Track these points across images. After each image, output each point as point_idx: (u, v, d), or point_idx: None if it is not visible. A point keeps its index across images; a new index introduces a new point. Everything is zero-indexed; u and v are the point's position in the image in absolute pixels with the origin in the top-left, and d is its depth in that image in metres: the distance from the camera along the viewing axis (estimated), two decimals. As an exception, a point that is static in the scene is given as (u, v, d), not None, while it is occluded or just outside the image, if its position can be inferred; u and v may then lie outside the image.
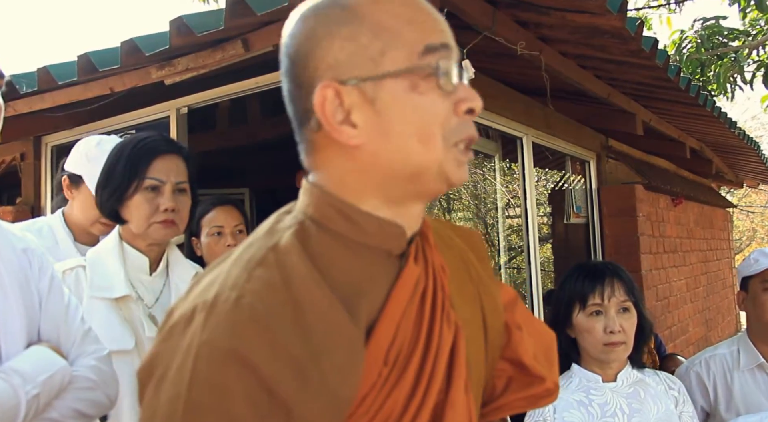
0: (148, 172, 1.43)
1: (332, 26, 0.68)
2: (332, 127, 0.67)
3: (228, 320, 0.59)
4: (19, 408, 0.92)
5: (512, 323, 0.87)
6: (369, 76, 0.66)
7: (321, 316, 0.62)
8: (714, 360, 1.88)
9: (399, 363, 0.67)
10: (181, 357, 0.60)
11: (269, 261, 0.64)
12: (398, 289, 0.69)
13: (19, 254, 1.05)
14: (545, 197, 6.90)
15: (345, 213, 0.69)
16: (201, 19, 2.20)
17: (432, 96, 0.67)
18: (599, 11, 2.21)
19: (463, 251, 0.85)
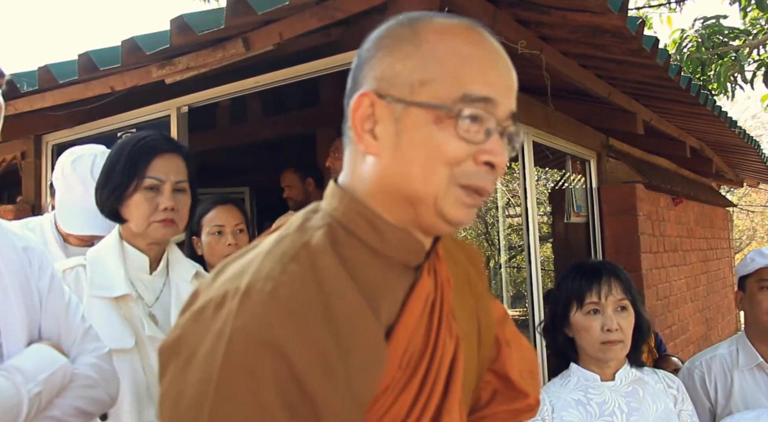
0: (147, 171, 1.43)
1: (395, 42, 0.73)
2: (357, 132, 0.72)
3: (263, 309, 0.61)
4: (21, 406, 0.92)
5: (502, 338, 0.92)
6: (403, 98, 0.71)
7: (350, 316, 0.65)
8: (714, 360, 1.88)
9: (409, 368, 0.70)
10: (212, 341, 0.61)
11: (302, 258, 0.66)
12: (413, 300, 0.72)
13: (19, 253, 1.05)
14: (545, 196, 6.91)
15: (373, 223, 0.73)
16: (202, 17, 2.20)
17: (450, 135, 0.69)
18: (600, 10, 2.21)
19: (466, 266, 0.89)
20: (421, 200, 0.71)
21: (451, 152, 0.69)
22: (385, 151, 0.71)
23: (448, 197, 0.70)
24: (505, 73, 0.74)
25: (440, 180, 0.70)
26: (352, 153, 0.76)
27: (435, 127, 0.70)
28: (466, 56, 0.71)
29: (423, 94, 0.70)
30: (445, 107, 0.69)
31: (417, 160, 0.70)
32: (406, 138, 0.70)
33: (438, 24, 0.74)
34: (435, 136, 0.69)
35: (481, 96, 0.70)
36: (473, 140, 0.70)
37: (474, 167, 0.71)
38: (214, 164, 4.20)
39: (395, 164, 0.71)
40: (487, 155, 0.71)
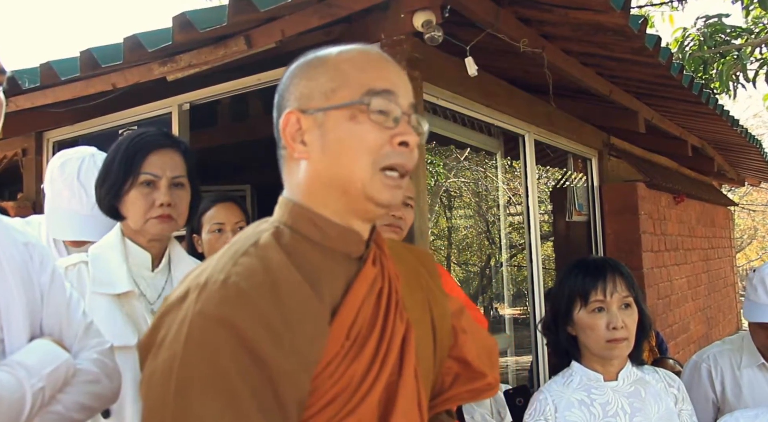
0: (143, 167, 1.42)
1: (306, 69, 0.89)
2: (289, 144, 0.86)
3: (217, 293, 0.74)
4: (24, 401, 0.93)
5: (458, 327, 1.04)
6: (321, 107, 0.85)
7: (293, 293, 0.77)
8: (722, 355, 1.89)
9: (359, 340, 0.82)
10: (177, 326, 0.74)
11: (251, 252, 0.80)
12: (357, 283, 0.85)
13: (20, 249, 1.05)
14: (547, 195, 6.91)
15: (312, 220, 0.86)
16: (204, 15, 2.20)
17: (366, 126, 0.83)
18: (602, 8, 2.21)
19: (415, 266, 1.02)
20: (351, 187, 0.83)
21: (370, 139, 0.83)
22: (314, 152, 0.85)
23: (374, 182, 0.83)
24: (399, 75, 0.88)
25: (365, 167, 0.82)
26: (287, 167, 0.89)
27: (352, 122, 0.83)
28: (365, 65, 0.86)
29: (336, 98, 0.84)
30: (357, 101, 0.83)
31: (342, 152, 0.83)
32: (330, 137, 0.84)
33: (339, 51, 0.89)
34: (353, 129, 0.83)
35: (383, 88, 0.84)
36: (386, 125, 0.83)
37: (391, 149, 0.84)
38: (215, 161, 4.20)
39: (324, 160, 0.84)
40: (400, 136, 0.84)
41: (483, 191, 9.70)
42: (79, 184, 1.76)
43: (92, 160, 1.81)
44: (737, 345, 1.91)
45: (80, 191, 1.76)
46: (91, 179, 1.76)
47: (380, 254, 0.91)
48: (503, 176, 5.78)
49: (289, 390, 0.73)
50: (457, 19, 2.19)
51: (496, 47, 2.51)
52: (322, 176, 0.85)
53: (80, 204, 1.75)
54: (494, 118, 3.22)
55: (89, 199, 1.70)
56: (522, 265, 7.65)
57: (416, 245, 1.11)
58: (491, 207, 9.52)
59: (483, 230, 10.44)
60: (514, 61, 2.82)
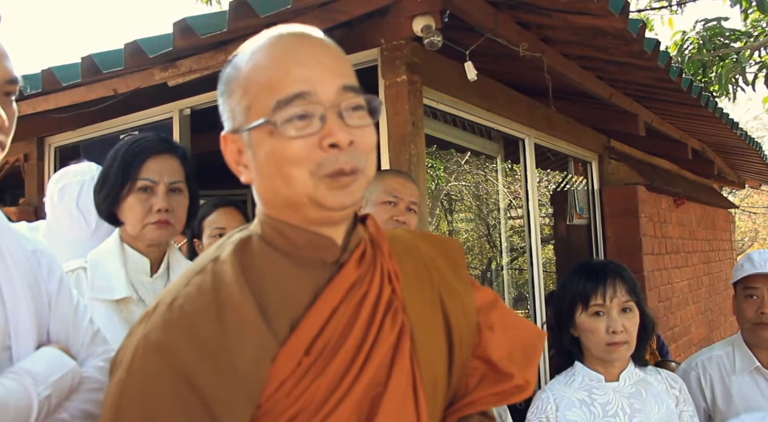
0: (140, 172, 1.43)
1: (225, 85, 0.82)
2: (234, 169, 0.83)
3: (161, 317, 0.74)
4: (31, 408, 0.92)
5: (484, 323, 0.94)
6: (242, 127, 0.79)
7: (237, 315, 0.74)
8: (710, 362, 1.87)
9: (324, 355, 0.76)
10: (130, 350, 0.75)
11: (207, 270, 0.78)
12: (328, 291, 0.79)
13: (28, 256, 1.05)
14: (547, 198, 6.90)
15: (278, 229, 0.82)
16: (204, 20, 2.21)
17: (285, 140, 0.75)
18: (601, 13, 2.21)
19: (428, 259, 0.93)
20: (297, 203, 0.78)
21: (292, 153, 0.75)
22: (253, 175, 0.80)
23: (319, 190, 0.76)
24: (317, 60, 0.78)
25: (303, 181, 0.76)
26: None
27: (272, 139, 0.76)
28: (268, 66, 0.77)
29: (252, 116, 0.77)
30: (265, 121, 0.76)
31: (273, 172, 0.77)
32: (259, 158, 0.78)
33: (248, 50, 0.81)
34: (274, 147, 0.76)
35: (293, 93, 0.75)
36: (309, 132, 0.75)
37: (324, 155, 0.75)
38: (216, 166, 4.20)
39: (263, 182, 0.80)
40: (328, 139, 0.75)
41: (484, 195, 9.69)
42: (78, 211, 1.76)
43: (91, 184, 1.75)
44: (726, 349, 1.88)
45: (79, 217, 1.75)
46: (90, 204, 1.75)
47: (375, 253, 0.85)
48: (504, 180, 5.78)
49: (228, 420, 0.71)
50: (457, 23, 2.20)
51: (495, 52, 2.52)
52: (268, 198, 0.81)
53: (80, 230, 1.75)
54: (494, 122, 3.23)
55: (89, 225, 1.71)
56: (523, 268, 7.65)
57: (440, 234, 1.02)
58: (492, 211, 9.51)
59: (484, 233, 10.43)
60: (513, 65, 2.83)
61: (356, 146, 0.77)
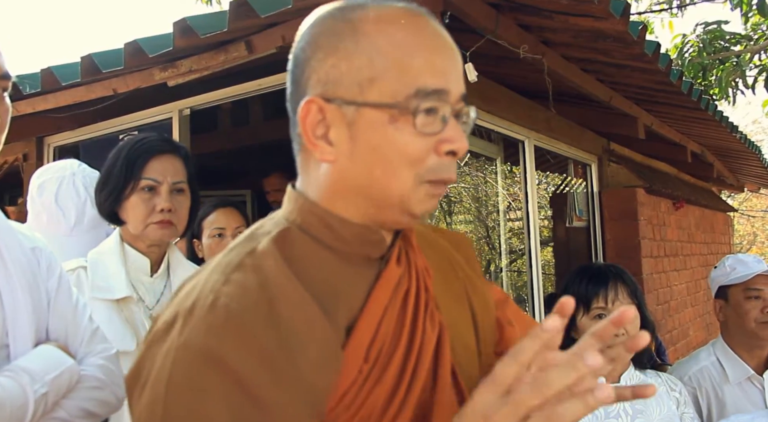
0: (144, 172, 1.43)
1: (333, 39, 0.69)
2: (310, 140, 0.69)
3: (204, 321, 0.61)
4: (27, 406, 0.92)
5: (504, 319, 0.90)
6: (352, 100, 0.67)
7: (294, 313, 0.63)
8: (701, 373, 1.85)
9: (381, 360, 0.68)
10: (160, 362, 0.61)
11: (246, 265, 0.66)
12: (378, 290, 0.71)
13: (27, 253, 1.05)
14: (546, 200, 6.90)
15: (325, 221, 0.71)
16: (205, 20, 2.20)
17: (407, 133, 0.66)
18: (602, 15, 2.21)
19: (449, 253, 0.87)
20: (386, 202, 0.69)
21: (413, 151, 0.67)
22: (341, 156, 0.69)
23: (416, 195, 0.69)
24: (451, 57, 0.70)
25: (405, 181, 0.68)
26: (303, 158, 0.74)
27: (391, 127, 0.66)
28: (410, 46, 0.67)
29: (373, 93, 0.66)
30: (400, 105, 0.66)
31: (378, 164, 0.67)
32: (362, 142, 0.67)
33: (374, 13, 0.69)
34: (392, 136, 0.67)
35: (434, 88, 0.67)
36: (431, 132, 0.67)
37: (437, 160, 0.68)
38: (215, 166, 4.21)
39: (354, 169, 0.69)
40: (448, 145, 0.68)
41: (483, 197, 9.69)
42: (57, 207, 1.74)
43: (71, 179, 1.78)
44: (711, 359, 1.86)
45: (58, 213, 1.74)
46: (69, 200, 1.73)
47: (406, 247, 0.77)
48: (503, 182, 5.78)
49: None
50: (457, 25, 2.20)
51: (496, 53, 2.51)
52: (349, 185, 0.70)
53: (58, 225, 1.73)
54: (494, 123, 3.23)
55: (67, 220, 1.70)
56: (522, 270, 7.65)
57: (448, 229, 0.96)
58: (491, 212, 9.51)
59: (483, 235, 10.43)
60: (514, 67, 2.83)
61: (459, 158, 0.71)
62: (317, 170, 0.72)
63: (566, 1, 2.12)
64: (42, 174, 1.83)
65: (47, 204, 1.76)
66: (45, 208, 1.76)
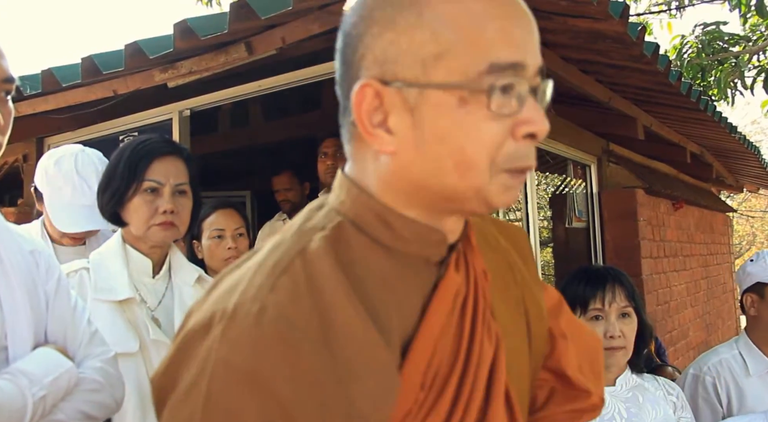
0: (146, 174, 1.43)
1: (390, 11, 0.59)
2: (366, 129, 0.60)
3: (248, 336, 0.53)
4: (25, 409, 0.92)
5: (557, 330, 0.80)
6: (415, 81, 0.58)
7: (351, 336, 0.55)
8: (721, 365, 1.88)
9: (436, 385, 0.60)
10: (196, 373, 0.54)
11: (296, 269, 0.57)
12: (437, 302, 0.62)
13: (26, 256, 1.05)
14: (546, 201, 6.90)
15: (383, 218, 0.62)
16: (205, 22, 2.21)
17: (482, 117, 0.57)
18: (601, 16, 2.22)
19: (508, 253, 0.77)
20: (459, 195, 0.60)
21: (489, 137, 0.57)
22: (404, 147, 0.60)
23: (494, 187, 0.59)
24: (527, 26, 0.60)
25: (481, 172, 0.58)
26: (359, 148, 0.65)
27: (461, 110, 0.57)
28: (481, 15, 0.58)
29: (440, 71, 0.57)
30: (471, 84, 0.56)
31: (447, 155, 0.58)
32: (428, 130, 0.58)
33: None
34: (464, 122, 0.57)
35: (510, 62, 0.57)
36: (507, 113, 0.58)
37: (515, 146, 0.59)
38: (215, 167, 4.21)
39: (420, 162, 0.59)
40: (527, 127, 0.59)
41: (482, 197, 9.71)
42: (80, 178, 1.81)
43: (84, 154, 1.87)
44: (732, 352, 1.89)
45: (81, 183, 1.81)
46: (90, 169, 1.82)
47: (465, 249, 0.68)
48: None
49: None
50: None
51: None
52: (415, 179, 0.61)
53: (84, 196, 1.79)
54: (494, 124, 3.23)
55: (91, 190, 1.73)
56: (521, 271, 7.64)
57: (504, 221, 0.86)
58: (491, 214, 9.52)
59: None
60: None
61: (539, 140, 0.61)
62: (375, 161, 0.63)
63: (565, 3, 2.13)
64: (53, 154, 1.89)
65: (69, 175, 1.81)
66: (67, 180, 1.81)
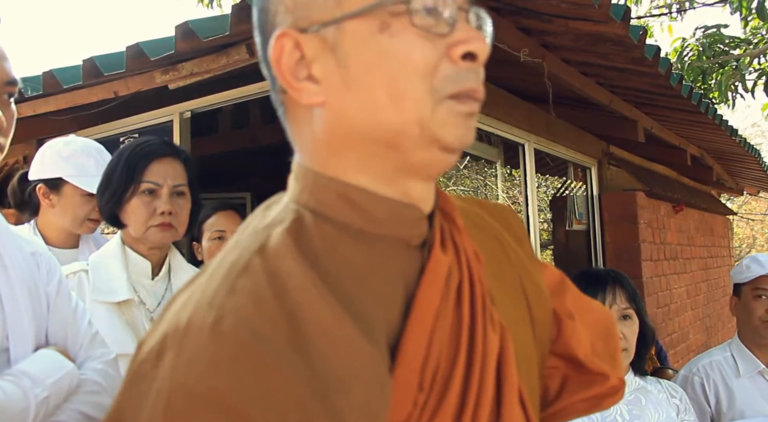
0: (144, 175, 1.43)
1: None
2: (289, 84, 0.55)
3: (204, 352, 0.44)
4: (28, 410, 0.92)
5: (562, 311, 0.72)
6: (331, 18, 0.53)
7: (328, 339, 0.47)
8: (711, 366, 1.91)
9: (437, 384, 0.53)
10: (149, 410, 0.45)
11: (255, 267, 0.50)
12: (426, 287, 0.54)
13: (27, 258, 1.06)
14: (546, 204, 6.91)
15: (347, 196, 0.55)
16: (206, 24, 2.21)
17: (408, 38, 0.52)
18: (602, 19, 2.22)
19: (498, 232, 0.70)
20: (401, 133, 0.53)
21: (420, 59, 0.52)
22: (332, 91, 0.53)
23: (439, 117, 0.53)
24: None
25: (420, 100, 0.52)
26: (292, 119, 0.58)
27: (384, 36, 0.52)
28: None
29: (353, 1, 0.52)
30: (388, 3, 0.52)
31: (378, 85, 0.52)
32: (353, 63, 0.52)
33: None
34: (389, 46, 0.52)
35: None
36: (436, 31, 0.52)
37: (454, 68, 0.53)
38: (216, 169, 4.21)
39: (352, 102, 0.53)
40: (463, 46, 0.53)
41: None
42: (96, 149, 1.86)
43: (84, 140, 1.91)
44: (725, 354, 1.92)
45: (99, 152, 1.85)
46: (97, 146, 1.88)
47: (451, 228, 0.60)
48: (503, 185, 5.79)
49: None
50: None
51: (496, 57, 2.51)
52: (352, 126, 0.54)
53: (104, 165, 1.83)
54: (494, 127, 3.23)
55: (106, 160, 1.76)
56: (521, 273, 7.64)
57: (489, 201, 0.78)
58: (491, 215, 9.52)
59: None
60: (514, 70, 2.83)
61: (480, 63, 0.55)
62: (310, 123, 0.56)
63: (566, 5, 2.13)
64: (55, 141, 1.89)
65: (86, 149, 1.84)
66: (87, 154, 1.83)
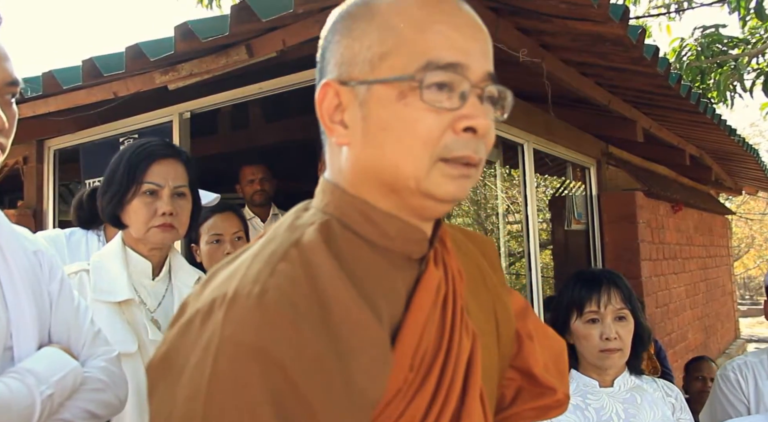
0: (146, 176, 1.44)
1: (349, 22, 0.69)
2: (326, 124, 0.68)
3: (251, 314, 0.56)
4: (34, 407, 0.93)
5: (524, 332, 0.86)
6: (364, 79, 0.66)
7: (347, 315, 0.59)
8: (746, 365, 1.94)
9: (423, 368, 0.65)
10: (200, 353, 0.56)
11: (292, 257, 0.61)
12: (421, 292, 0.67)
13: (30, 257, 1.06)
14: (545, 204, 6.92)
15: (366, 214, 0.68)
16: (206, 24, 2.21)
17: (417, 110, 0.63)
18: (601, 19, 2.22)
19: (478, 259, 0.83)
20: (400, 185, 0.65)
21: (424, 127, 0.63)
22: (355, 138, 0.67)
23: (432, 176, 0.64)
24: (474, 35, 0.68)
25: (418, 160, 0.64)
26: (329, 146, 0.71)
27: (400, 103, 0.64)
28: (426, 21, 0.65)
29: (383, 69, 0.65)
30: (406, 76, 0.63)
31: (388, 142, 0.65)
32: (373, 121, 0.65)
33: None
34: (402, 113, 0.64)
35: (447, 62, 0.64)
36: (446, 107, 0.64)
37: (454, 138, 0.64)
38: (215, 169, 4.22)
39: (367, 150, 0.66)
40: (465, 121, 0.64)
41: (482, 200, 9.70)
42: None
43: None
44: (761, 357, 1.95)
45: None
46: None
47: (441, 248, 0.74)
48: (502, 185, 5.79)
49: None
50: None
51: (495, 57, 2.51)
52: (365, 168, 0.67)
53: None
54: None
55: None
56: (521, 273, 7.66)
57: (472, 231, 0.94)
58: (490, 216, 9.52)
59: (481, 238, 10.42)
60: (513, 70, 2.84)
61: (485, 140, 0.67)
62: (339, 156, 0.69)
63: (565, 5, 2.13)
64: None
65: None
66: None
